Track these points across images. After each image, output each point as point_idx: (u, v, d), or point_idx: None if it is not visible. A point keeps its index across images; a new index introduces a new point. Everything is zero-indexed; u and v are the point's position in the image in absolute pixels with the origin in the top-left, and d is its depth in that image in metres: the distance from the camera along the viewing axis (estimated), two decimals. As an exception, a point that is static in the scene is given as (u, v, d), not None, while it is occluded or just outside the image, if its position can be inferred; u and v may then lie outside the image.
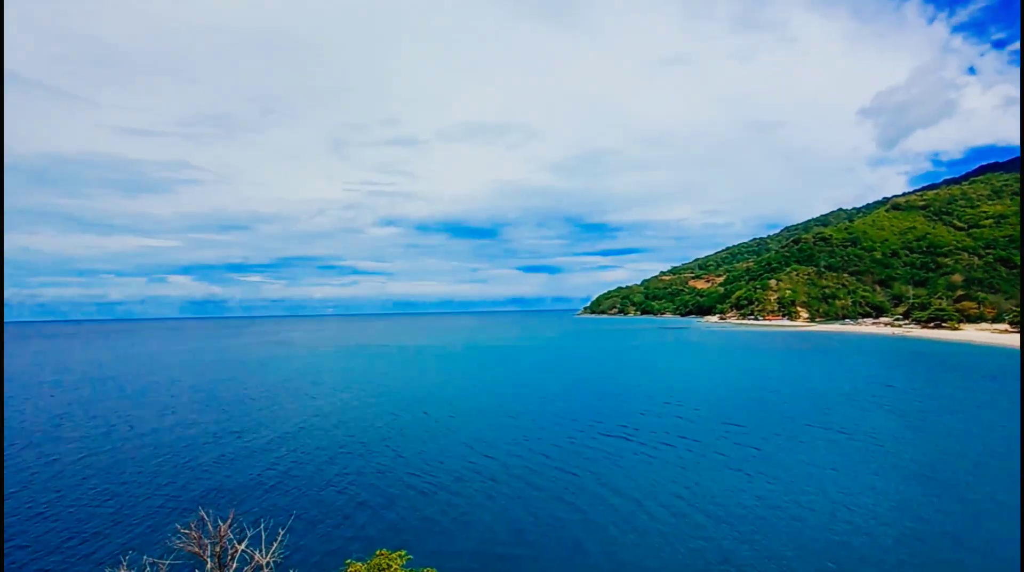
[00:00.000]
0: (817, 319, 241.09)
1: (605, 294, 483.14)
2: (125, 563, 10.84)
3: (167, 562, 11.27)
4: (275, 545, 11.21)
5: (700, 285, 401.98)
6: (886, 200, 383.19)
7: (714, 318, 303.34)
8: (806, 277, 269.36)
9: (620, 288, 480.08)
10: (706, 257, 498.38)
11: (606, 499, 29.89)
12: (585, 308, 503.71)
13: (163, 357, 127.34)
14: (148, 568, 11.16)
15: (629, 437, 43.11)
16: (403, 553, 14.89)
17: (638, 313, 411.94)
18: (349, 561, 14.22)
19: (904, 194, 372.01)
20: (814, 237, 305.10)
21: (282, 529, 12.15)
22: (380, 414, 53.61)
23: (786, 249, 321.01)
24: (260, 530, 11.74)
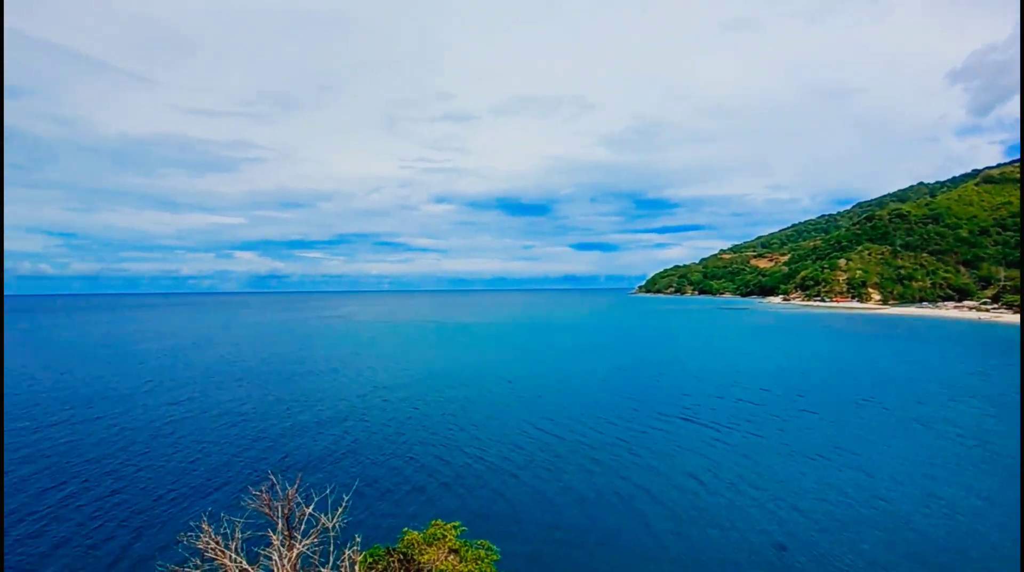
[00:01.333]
0: (890, 302, 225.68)
1: (661, 273, 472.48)
2: (206, 518, 11.52)
3: (241, 521, 11.90)
4: (340, 511, 11.61)
5: (762, 264, 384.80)
6: (976, 173, 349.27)
7: (777, 299, 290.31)
8: (879, 257, 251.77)
9: (677, 266, 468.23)
10: (769, 235, 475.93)
11: (671, 478, 29.37)
12: (640, 287, 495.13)
13: (233, 330, 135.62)
14: (225, 525, 11.83)
15: (690, 418, 42.09)
16: (457, 524, 15.17)
17: (695, 292, 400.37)
18: (406, 530, 14.61)
19: (999, 165, 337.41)
20: (890, 213, 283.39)
21: (346, 495, 12.63)
22: (439, 389, 54.86)
23: (858, 226, 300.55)
24: (326, 495, 12.23)
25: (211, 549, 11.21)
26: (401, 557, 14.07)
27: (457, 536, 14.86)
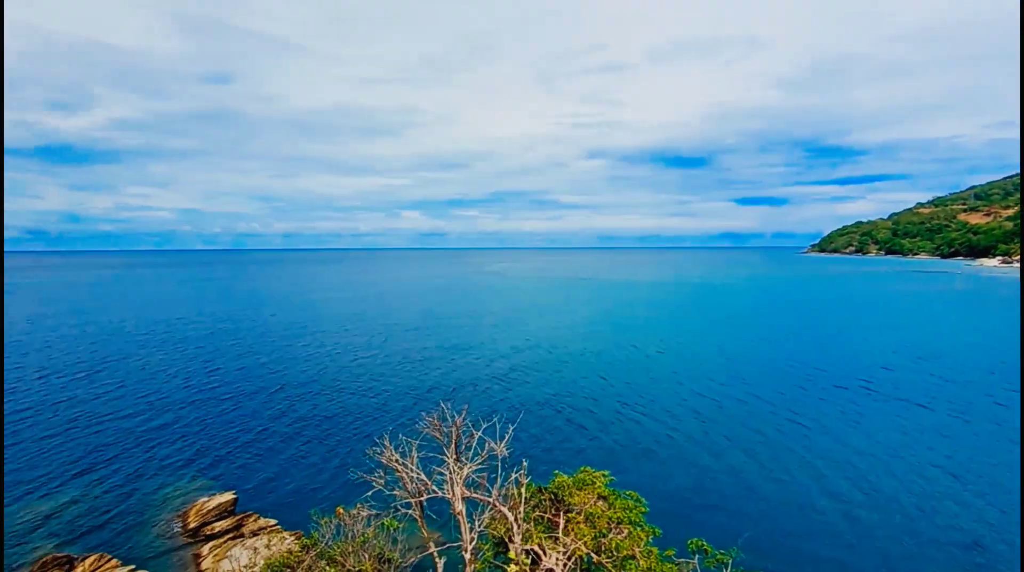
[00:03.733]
0: None
1: (840, 230, 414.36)
2: (388, 437, 13.24)
3: (416, 442, 13.45)
4: (506, 439, 12.55)
5: (975, 219, 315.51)
6: None
7: (993, 261, 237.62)
8: None
9: (859, 223, 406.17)
10: (988, 184, 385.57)
11: (842, 457, 26.57)
12: (813, 246, 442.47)
13: (407, 284, 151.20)
14: (404, 445, 13.48)
15: (871, 392, 37.39)
16: (606, 473, 15.32)
17: (881, 253, 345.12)
18: (557, 472, 15.21)
19: None
20: None
21: (512, 426, 13.61)
22: (590, 344, 55.72)
23: None
24: (494, 423, 13.27)
25: (392, 463, 12.94)
26: (552, 497, 14.78)
27: (606, 484, 15.10)
